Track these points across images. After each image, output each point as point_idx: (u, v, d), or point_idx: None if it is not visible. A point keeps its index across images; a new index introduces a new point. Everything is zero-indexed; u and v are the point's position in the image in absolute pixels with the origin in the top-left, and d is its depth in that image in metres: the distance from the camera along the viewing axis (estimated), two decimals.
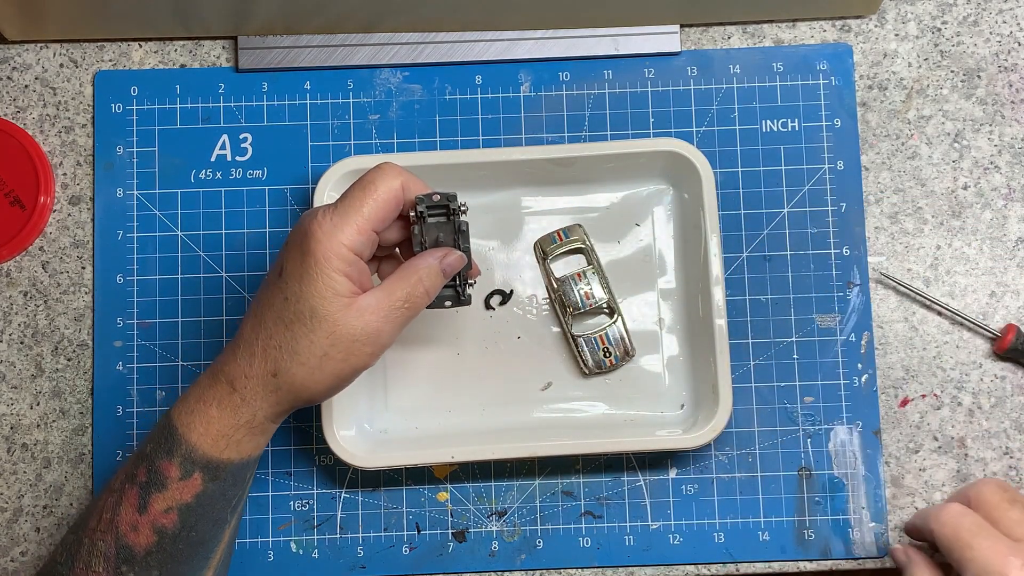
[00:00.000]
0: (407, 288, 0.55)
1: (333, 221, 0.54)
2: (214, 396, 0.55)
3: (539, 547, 0.69)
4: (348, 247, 0.54)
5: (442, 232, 0.59)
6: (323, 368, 0.54)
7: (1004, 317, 0.71)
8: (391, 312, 0.55)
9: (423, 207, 0.58)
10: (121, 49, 0.73)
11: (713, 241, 0.66)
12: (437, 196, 0.58)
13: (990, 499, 0.57)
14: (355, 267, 0.54)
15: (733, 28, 0.73)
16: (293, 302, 0.54)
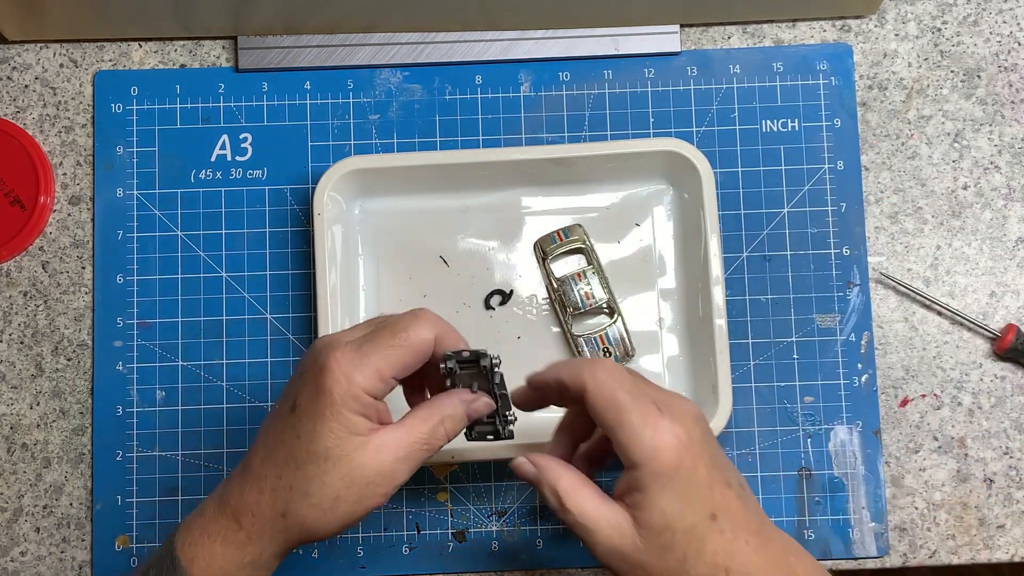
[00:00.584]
0: (428, 430, 0.52)
1: (354, 361, 0.50)
2: (219, 531, 0.52)
3: (539, 547, 0.69)
4: (366, 391, 0.50)
5: (476, 381, 0.54)
6: (335, 510, 0.51)
7: (1004, 317, 0.71)
8: (409, 453, 0.52)
9: (452, 363, 0.53)
10: (121, 49, 0.73)
11: (713, 241, 0.66)
12: (467, 353, 0.53)
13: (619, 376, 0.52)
14: (372, 407, 0.51)
15: (733, 28, 0.73)
16: (306, 441, 0.51)
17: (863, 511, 0.69)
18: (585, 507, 0.52)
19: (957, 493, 0.69)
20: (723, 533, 0.51)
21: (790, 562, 0.52)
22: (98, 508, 0.69)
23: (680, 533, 0.50)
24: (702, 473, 0.51)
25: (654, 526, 0.50)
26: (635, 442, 0.50)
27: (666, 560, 0.51)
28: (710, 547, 0.51)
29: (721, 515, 0.51)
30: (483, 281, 0.70)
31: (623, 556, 0.51)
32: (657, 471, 0.50)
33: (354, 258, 0.70)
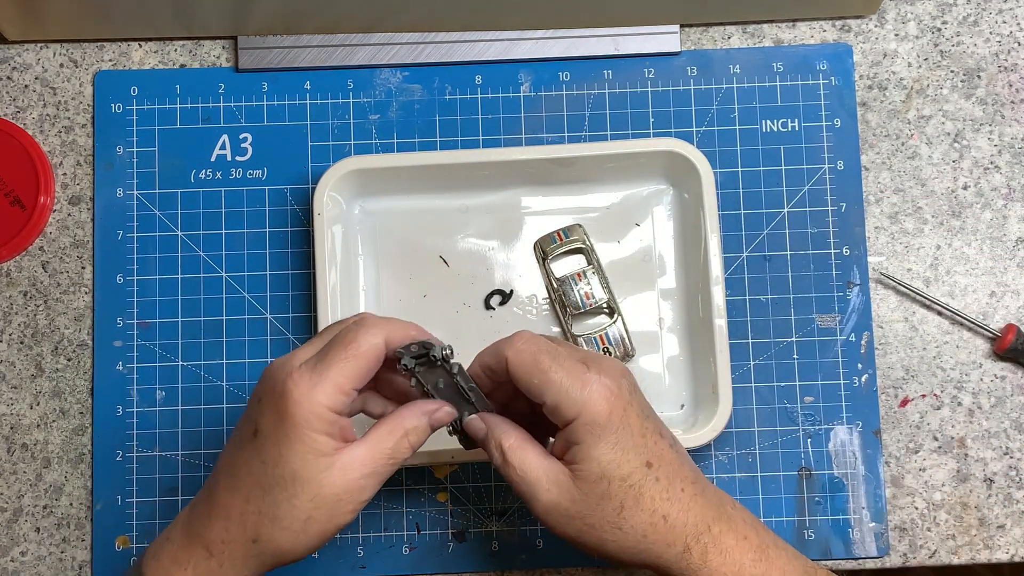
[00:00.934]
0: (392, 444, 0.52)
1: (311, 381, 0.50)
2: (189, 559, 0.52)
3: (539, 547, 0.69)
4: (329, 407, 0.50)
5: (440, 377, 0.54)
6: (307, 531, 0.51)
7: (1004, 317, 0.71)
8: (375, 469, 0.52)
9: (408, 360, 0.53)
10: (121, 49, 0.73)
11: (713, 241, 0.66)
12: (415, 347, 0.53)
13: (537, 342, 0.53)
14: (335, 424, 0.51)
15: (733, 28, 0.73)
16: (272, 466, 0.50)
17: (863, 511, 0.69)
18: (527, 461, 0.52)
19: (957, 493, 0.69)
20: (659, 481, 0.51)
21: (727, 510, 0.53)
22: (98, 508, 0.69)
23: (616, 481, 0.51)
24: (635, 422, 0.51)
25: (591, 476, 0.51)
26: (565, 398, 0.50)
27: (603, 510, 0.51)
28: (647, 495, 0.51)
29: (656, 463, 0.51)
30: (483, 281, 0.70)
31: (562, 509, 0.51)
32: (590, 421, 0.50)
33: (354, 258, 0.70)
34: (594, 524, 0.51)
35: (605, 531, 0.52)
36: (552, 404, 0.51)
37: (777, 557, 0.53)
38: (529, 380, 0.52)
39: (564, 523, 0.52)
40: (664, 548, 0.52)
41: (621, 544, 0.52)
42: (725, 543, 0.52)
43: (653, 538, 0.52)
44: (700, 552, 0.52)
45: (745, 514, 0.54)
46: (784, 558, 0.53)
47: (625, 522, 0.51)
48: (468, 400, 0.55)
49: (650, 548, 0.52)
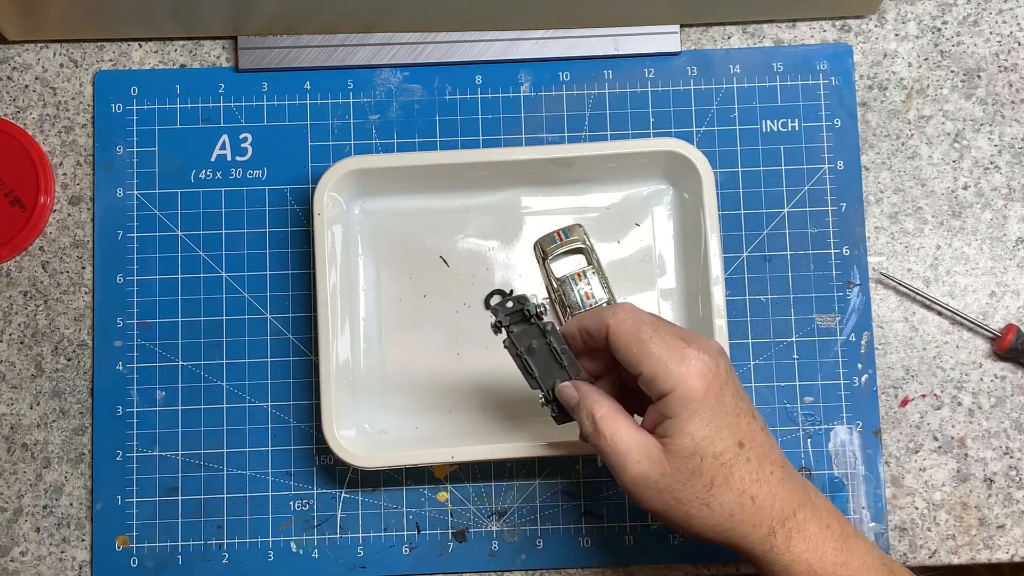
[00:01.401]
0: None
1: None
2: None
3: (539, 547, 0.69)
4: None
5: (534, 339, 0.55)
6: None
7: (1004, 317, 0.71)
8: None
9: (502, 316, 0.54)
10: (121, 49, 0.73)
11: (713, 241, 0.66)
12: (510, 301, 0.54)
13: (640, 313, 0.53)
14: None
15: (733, 28, 0.73)
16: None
17: (863, 511, 0.69)
18: (618, 432, 0.52)
19: (957, 493, 0.69)
20: (749, 462, 0.52)
21: (812, 497, 0.54)
22: (98, 508, 0.69)
23: (708, 458, 0.51)
24: (730, 401, 0.52)
25: (683, 451, 0.51)
26: (662, 370, 0.51)
27: (693, 486, 0.51)
28: (737, 474, 0.52)
29: (747, 444, 0.52)
30: (483, 281, 0.70)
31: (651, 482, 0.52)
32: (686, 396, 0.51)
33: (354, 258, 0.70)
34: (682, 499, 0.52)
35: (692, 507, 0.52)
36: (649, 375, 0.51)
37: (858, 547, 0.54)
38: (628, 349, 0.52)
39: (652, 496, 0.52)
40: (750, 529, 0.52)
41: (707, 521, 0.52)
42: (809, 530, 0.53)
43: (740, 518, 0.52)
44: (784, 536, 0.52)
45: (828, 503, 0.55)
46: (864, 548, 0.54)
47: (714, 499, 0.52)
48: (560, 364, 0.55)
49: (736, 528, 0.52)
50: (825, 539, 0.53)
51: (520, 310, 0.54)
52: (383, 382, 0.69)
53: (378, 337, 0.69)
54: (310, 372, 0.70)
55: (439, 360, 0.69)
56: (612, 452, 0.53)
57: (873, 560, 0.54)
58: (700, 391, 0.51)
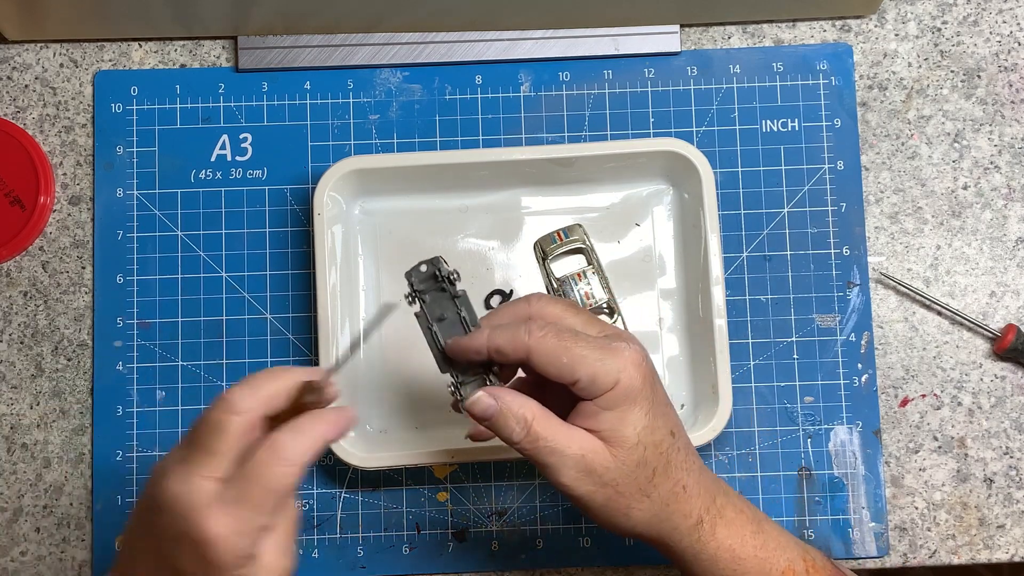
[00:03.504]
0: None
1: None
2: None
3: (539, 547, 0.69)
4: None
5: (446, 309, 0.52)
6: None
7: (1004, 317, 0.71)
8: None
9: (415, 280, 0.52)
10: (121, 49, 0.73)
11: (713, 241, 0.66)
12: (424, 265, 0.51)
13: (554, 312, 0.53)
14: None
15: (733, 28, 0.73)
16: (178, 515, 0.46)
17: (863, 511, 0.69)
18: (556, 431, 0.51)
19: (957, 493, 0.69)
20: (679, 451, 0.53)
21: (722, 485, 0.56)
22: (98, 508, 0.69)
23: (651, 448, 0.51)
24: (659, 390, 0.52)
25: (627, 442, 0.51)
26: (601, 369, 0.50)
27: (637, 477, 0.51)
28: (673, 462, 0.52)
29: (677, 433, 0.53)
30: (483, 281, 0.70)
31: (595, 476, 0.51)
32: (628, 387, 0.50)
33: (354, 258, 0.70)
34: (624, 491, 0.51)
35: (633, 499, 0.52)
36: (588, 378, 0.50)
37: (770, 529, 0.55)
38: (557, 362, 0.50)
39: (593, 492, 0.51)
40: (680, 520, 0.53)
41: (645, 513, 0.52)
42: (728, 515, 0.54)
43: (674, 507, 0.52)
44: (710, 524, 0.53)
45: (733, 490, 0.56)
46: (776, 530, 0.56)
47: (654, 489, 0.52)
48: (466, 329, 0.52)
49: (670, 518, 0.53)
50: (742, 523, 0.54)
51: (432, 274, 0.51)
52: (383, 382, 0.69)
53: (378, 337, 0.69)
54: None
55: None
56: (550, 453, 0.50)
57: (786, 540, 0.55)
58: (639, 381, 0.50)
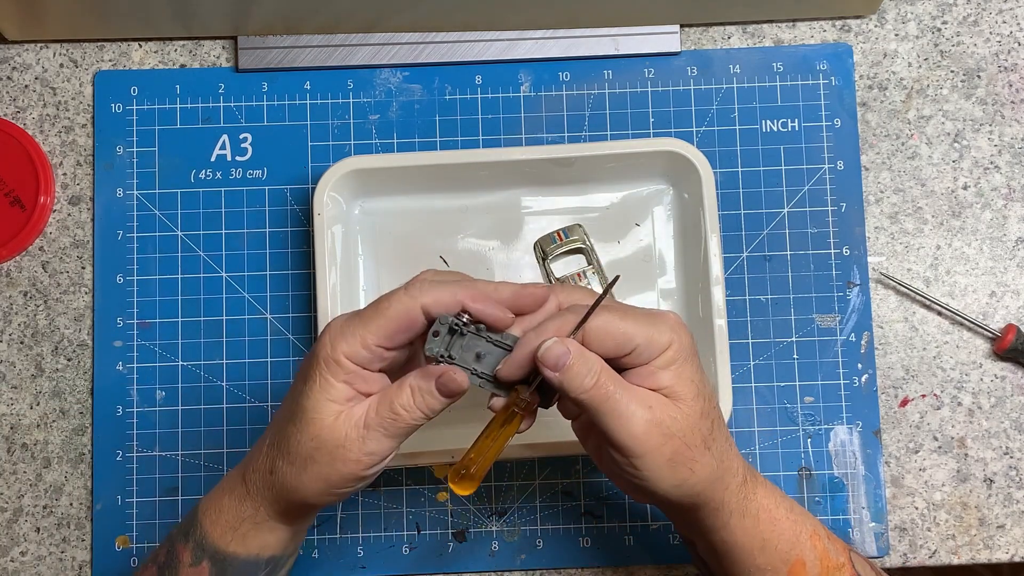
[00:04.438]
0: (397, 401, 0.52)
1: (342, 329, 0.51)
2: (230, 487, 0.55)
3: (539, 547, 0.69)
4: (348, 357, 0.51)
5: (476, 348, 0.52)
6: (308, 471, 0.52)
7: (1004, 317, 0.71)
8: (379, 422, 0.52)
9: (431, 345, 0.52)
10: (121, 49, 0.73)
11: (713, 241, 0.66)
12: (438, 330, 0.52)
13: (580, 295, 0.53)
14: (358, 376, 0.51)
15: (733, 28, 0.73)
16: (293, 401, 0.53)
17: (863, 511, 0.69)
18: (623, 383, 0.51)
19: (957, 493, 0.69)
20: (716, 408, 0.53)
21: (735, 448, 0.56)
22: (98, 508, 0.69)
23: (708, 400, 0.52)
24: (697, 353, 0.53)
25: (689, 395, 0.51)
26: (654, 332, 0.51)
27: (701, 428, 0.52)
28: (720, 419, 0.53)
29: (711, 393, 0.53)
30: None
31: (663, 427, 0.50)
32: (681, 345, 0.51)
33: (354, 258, 0.70)
34: (690, 443, 0.51)
35: (698, 451, 0.51)
36: (645, 341, 0.50)
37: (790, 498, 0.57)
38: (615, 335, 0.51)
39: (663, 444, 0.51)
40: (731, 476, 0.53)
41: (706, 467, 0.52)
42: (759, 478, 0.55)
43: (727, 463, 0.53)
44: (752, 483, 0.55)
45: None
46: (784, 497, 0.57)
47: (713, 442, 0.52)
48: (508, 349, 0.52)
49: (723, 476, 0.53)
50: (771, 487, 0.56)
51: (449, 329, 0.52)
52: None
53: None
54: None
55: None
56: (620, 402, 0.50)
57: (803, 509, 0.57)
58: (688, 339, 0.52)
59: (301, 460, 0.52)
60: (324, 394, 0.51)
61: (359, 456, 0.52)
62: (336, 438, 0.51)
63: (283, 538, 0.56)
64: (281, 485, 0.53)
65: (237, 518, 0.54)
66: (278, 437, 0.53)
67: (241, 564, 0.55)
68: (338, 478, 0.52)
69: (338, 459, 0.52)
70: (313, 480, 0.52)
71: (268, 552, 0.55)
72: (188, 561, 0.54)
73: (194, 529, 0.55)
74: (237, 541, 0.54)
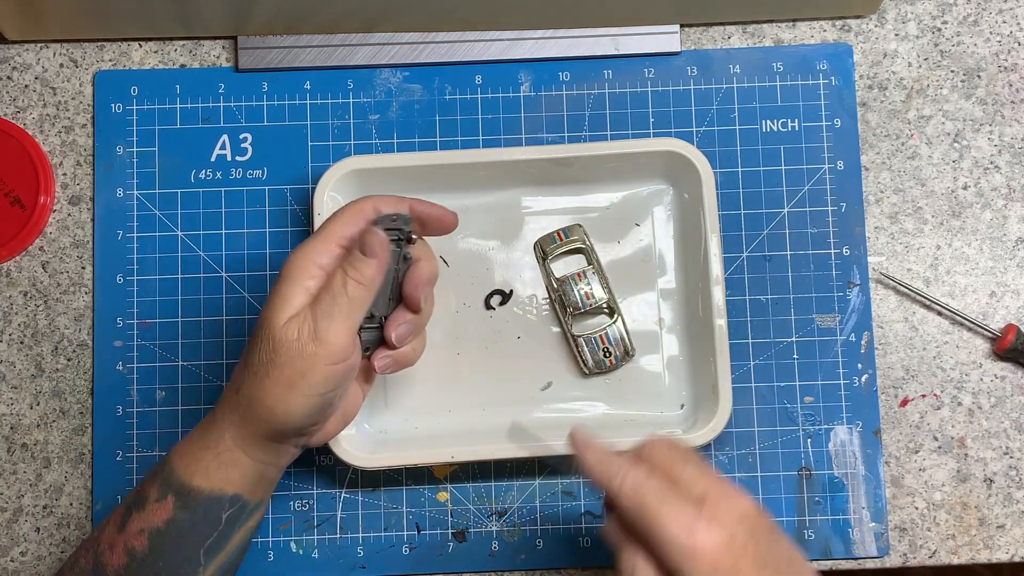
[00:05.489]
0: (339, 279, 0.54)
1: (305, 242, 0.56)
2: (201, 423, 0.57)
3: (539, 547, 0.69)
4: (314, 262, 0.54)
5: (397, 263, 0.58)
6: (271, 375, 0.53)
7: (1004, 317, 0.71)
8: (329, 307, 0.54)
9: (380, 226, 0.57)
10: (121, 49, 0.73)
11: (713, 241, 0.66)
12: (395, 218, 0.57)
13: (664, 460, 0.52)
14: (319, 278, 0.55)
15: (733, 28, 0.73)
16: (259, 321, 0.55)
17: (863, 511, 0.69)
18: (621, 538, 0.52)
19: (957, 493, 0.69)
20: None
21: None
22: (98, 508, 0.69)
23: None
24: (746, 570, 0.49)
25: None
26: (669, 547, 0.49)
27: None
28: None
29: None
30: (483, 281, 0.70)
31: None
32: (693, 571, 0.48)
33: None
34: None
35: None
36: (657, 549, 0.49)
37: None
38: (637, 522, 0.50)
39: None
40: None
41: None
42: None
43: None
44: None
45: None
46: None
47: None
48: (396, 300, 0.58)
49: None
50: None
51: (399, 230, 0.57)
52: (383, 382, 0.69)
53: None
54: None
55: (439, 360, 0.69)
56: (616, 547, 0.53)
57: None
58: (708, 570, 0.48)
59: (264, 367, 0.53)
60: (281, 300, 0.54)
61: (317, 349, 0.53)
62: (290, 335, 0.53)
63: (248, 474, 0.56)
64: (247, 400, 0.54)
65: (201, 447, 0.55)
66: (245, 357, 0.55)
67: (205, 499, 0.55)
68: (298, 377, 0.53)
69: (296, 355, 0.53)
70: (275, 384, 0.53)
71: (232, 488, 0.56)
72: (154, 497, 0.55)
73: (163, 466, 0.56)
74: (201, 474, 0.55)
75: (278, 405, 0.54)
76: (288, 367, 0.53)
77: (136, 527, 0.55)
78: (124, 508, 0.56)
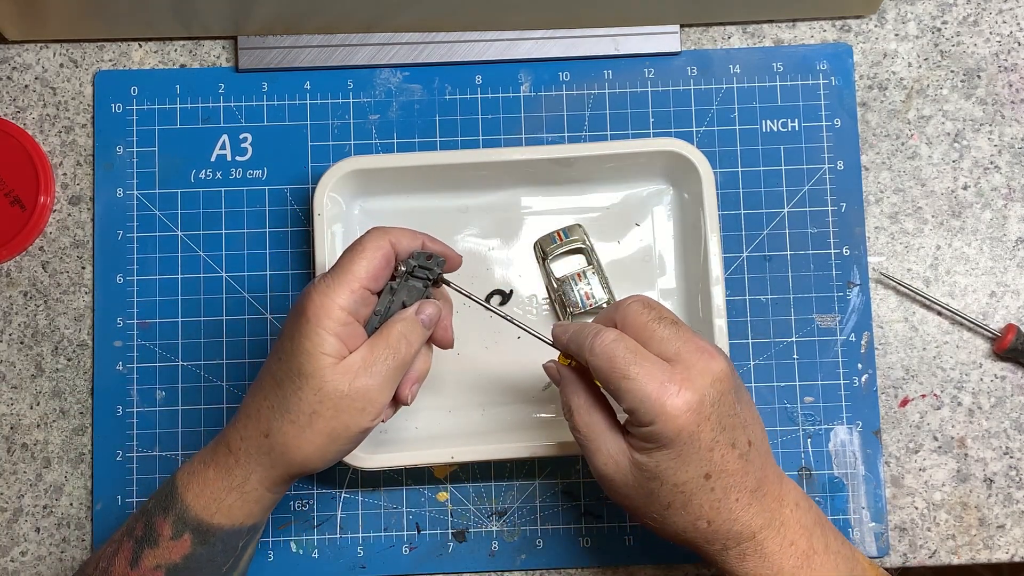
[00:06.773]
0: (389, 341, 0.55)
1: (327, 283, 0.54)
2: (213, 458, 0.55)
3: (539, 547, 0.69)
4: (341, 307, 0.53)
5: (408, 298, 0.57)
6: (313, 426, 0.53)
7: (1004, 317, 0.71)
8: (376, 366, 0.54)
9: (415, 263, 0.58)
10: (121, 49, 0.73)
11: (713, 241, 0.66)
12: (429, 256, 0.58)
13: (637, 319, 0.53)
14: (348, 328, 0.54)
15: (733, 28, 0.73)
16: (285, 361, 0.54)
17: (863, 511, 0.69)
18: (592, 428, 0.54)
19: (957, 493, 0.69)
20: (713, 491, 0.52)
21: (783, 514, 0.53)
22: (98, 508, 0.69)
23: (669, 485, 0.52)
24: (706, 436, 0.51)
25: (647, 471, 0.52)
26: (639, 406, 0.50)
27: (650, 503, 0.53)
28: (695, 502, 0.52)
29: (715, 475, 0.52)
30: (483, 281, 0.70)
31: (613, 484, 0.53)
32: (660, 432, 0.50)
33: None
34: (638, 507, 0.53)
35: (648, 517, 0.53)
36: (628, 409, 0.51)
37: (822, 565, 0.53)
38: (607, 382, 0.52)
39: (612, 493, 0.54)
40: (702, 544, 0.53)
41: (661, 531, 0.54)
42: (768, 548, 0.52)
43: (691, 536, 0.53)
44: (737, 554, 0.53)
45: (804, 517, 0.54)
46: (830, 564, 0.53)
47: (667, 519, 0.53)
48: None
49: (689, 542, 0.53)
50: (784, 557, 0.53)
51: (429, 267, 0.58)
52: None
53: None
54: None
55: (439, 360, 0.69)
56: (584, 443, 0.54)
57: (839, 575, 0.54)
58: (674, 431, 0.50)
59: (305, 417, 0.53)
60: (319, 349, 0.53)
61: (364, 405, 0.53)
62: (339, 390, 0.53)
63: (267, 506, 0.57)
64: (282, 446, 0.54)
65: (224, 489, 0.55)
66: (272, 400, 0.54)
67: (225, 534, 0.55)
68: (343, 430, 0.53)
69: (342, 411, 0.53)
70: (317, 435, 0.53)
71: (252, 520, 0.56)
72: (168, 534, 0.55)
73: (174, 503, 0.55)
74: (223, 512, 0.55)
75: (316, 454, 0.54)
76: (334, 420, 0.53)
77: (151, 563, 0.54)
78: (133, 542, 0.55)
